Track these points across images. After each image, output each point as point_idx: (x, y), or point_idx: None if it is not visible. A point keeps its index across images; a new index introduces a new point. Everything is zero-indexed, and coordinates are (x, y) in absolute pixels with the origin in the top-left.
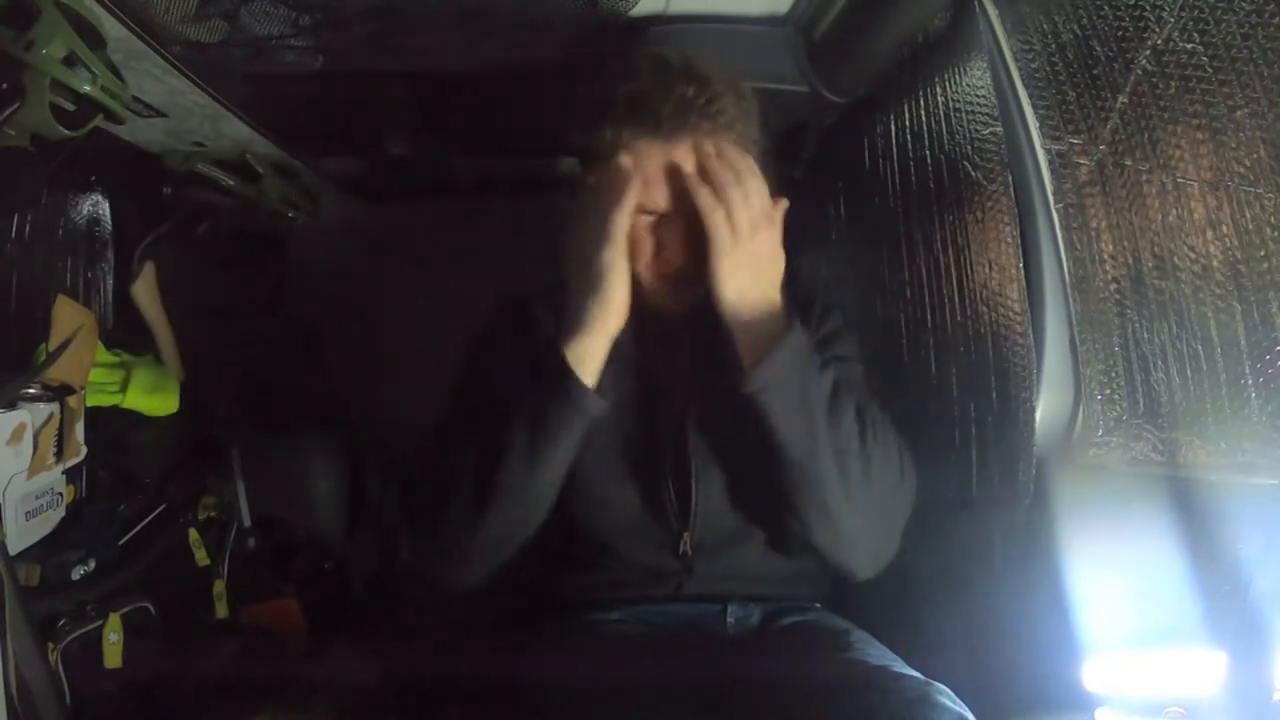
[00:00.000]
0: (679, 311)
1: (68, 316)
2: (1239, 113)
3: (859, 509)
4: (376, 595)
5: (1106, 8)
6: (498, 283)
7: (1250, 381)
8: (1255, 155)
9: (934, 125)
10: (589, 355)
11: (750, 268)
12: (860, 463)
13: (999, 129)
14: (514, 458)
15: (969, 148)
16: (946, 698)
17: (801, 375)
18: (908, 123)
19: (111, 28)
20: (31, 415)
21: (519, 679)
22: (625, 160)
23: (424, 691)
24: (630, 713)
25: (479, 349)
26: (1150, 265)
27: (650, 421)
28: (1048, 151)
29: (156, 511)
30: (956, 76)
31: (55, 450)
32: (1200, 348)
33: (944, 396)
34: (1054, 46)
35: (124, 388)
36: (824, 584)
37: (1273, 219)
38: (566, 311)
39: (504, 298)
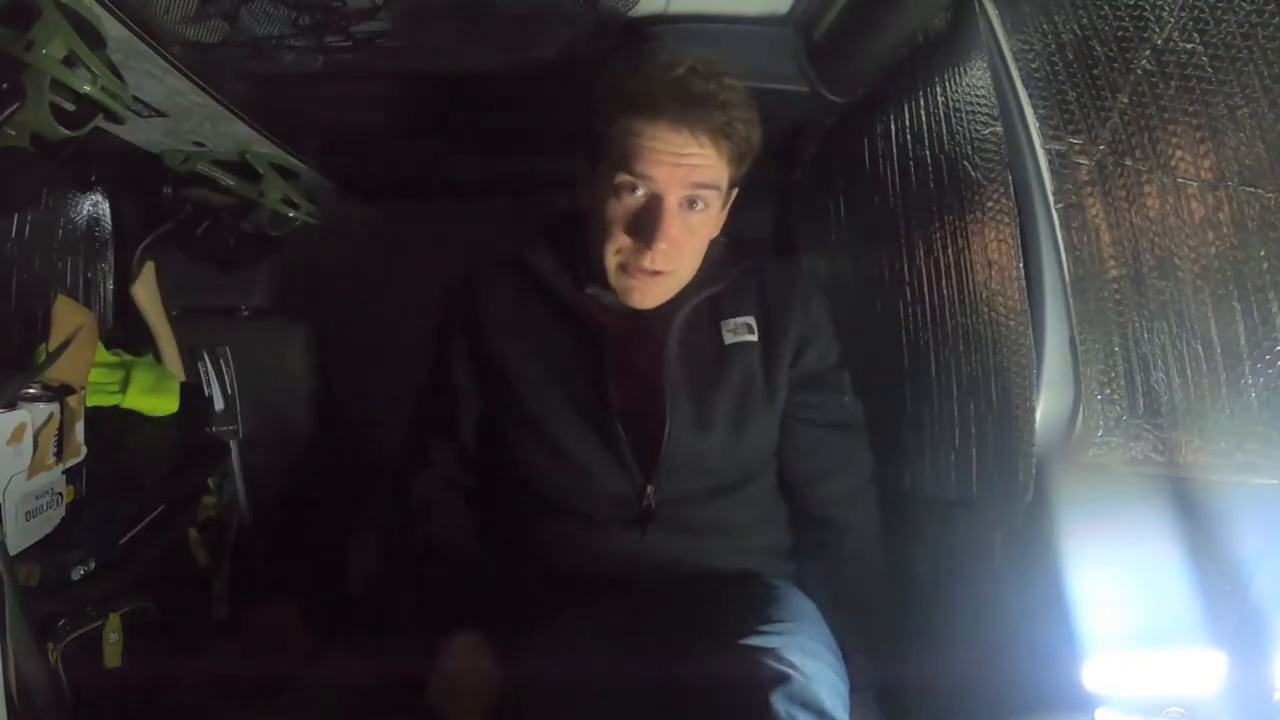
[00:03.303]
0: (638, 310)
1: (68, 316)
2: (1239, 113)
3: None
4: (376, 595)
5: (1106, 8)
6: None
7: (1250, 381)
8: (1255, 155)
9: (934, 125)
10: None
11: None
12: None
13: (999, 129)
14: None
15: (969, 148)
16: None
17: None
18: (908, 123)
19: (111, 28)
20: (31, 415)
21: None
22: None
23: (423, 691)
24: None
25: (436, 334)
26: (1150, 265)
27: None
28: (1048, 151)
29: (156, 511)
30: (956, 76)
31: (55, 450)
32: (1200, 348)
33: (944, 396)
34: (1054, 46)
35: (124, 388)
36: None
37: (1273, 219)
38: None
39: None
